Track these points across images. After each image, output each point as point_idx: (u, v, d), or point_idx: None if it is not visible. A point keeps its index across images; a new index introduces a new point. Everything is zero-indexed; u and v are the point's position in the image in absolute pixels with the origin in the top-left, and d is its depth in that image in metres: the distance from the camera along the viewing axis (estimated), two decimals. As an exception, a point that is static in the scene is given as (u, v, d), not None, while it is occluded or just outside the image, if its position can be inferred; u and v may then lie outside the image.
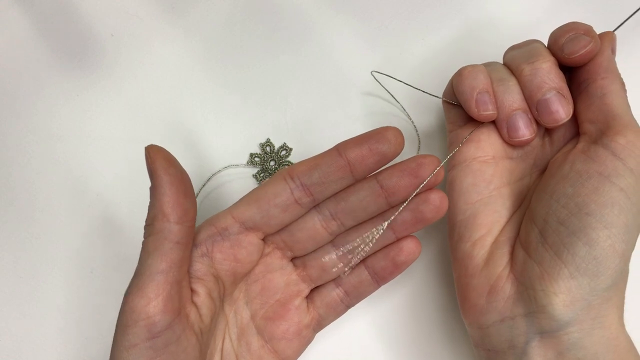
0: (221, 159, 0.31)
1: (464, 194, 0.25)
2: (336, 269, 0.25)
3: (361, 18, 0.33)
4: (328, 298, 0.25)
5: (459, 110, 0.26)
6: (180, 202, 0.21)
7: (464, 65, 0.25)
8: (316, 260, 0.25)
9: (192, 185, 0.22)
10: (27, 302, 0.29)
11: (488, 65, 0.25)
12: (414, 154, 0.30)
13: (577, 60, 0.23)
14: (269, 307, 0.25)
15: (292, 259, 0.26)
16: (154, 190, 0.21)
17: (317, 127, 0.31)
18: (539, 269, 0.22)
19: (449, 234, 0.26)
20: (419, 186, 0.23)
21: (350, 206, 0.24)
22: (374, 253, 0.25)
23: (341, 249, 0.25)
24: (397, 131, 0.23)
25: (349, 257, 0.25)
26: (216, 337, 0.24)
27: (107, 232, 0.30)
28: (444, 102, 0.27)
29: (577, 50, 0.23)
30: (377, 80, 0.30)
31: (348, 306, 0.26)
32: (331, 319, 0.26)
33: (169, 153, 0.21)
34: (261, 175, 0.30)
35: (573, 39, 0.23)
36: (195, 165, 0.31)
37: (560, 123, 0.23)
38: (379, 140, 0.23)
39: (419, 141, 0.30)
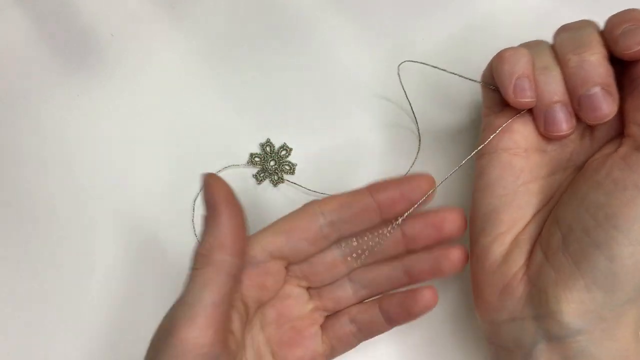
0: (221, 158, 0.31)
1: (489, 186, 0.24)
2: (349, 258, 0.25)
3: (362, 18, 0.33)
4: (341, 332, 0.25)
5: (497, 95, 0.24)
6: (240, 236, 0.21)
7: (504, 48, 0.24)
8: (332, 292, 0.25)
9: (246, 219, 0.22)
10: (27, 302, 0.29)
11: (533, 47, 0.24)
12: (413, 156, 0.30)
13: (631, 57, 0.21)
14: (284, 333, 0.25)
15: (308, 288, 0.26)
16: (213, 221, 0.21)
17: (318, 127, 0.31)
18: (555, 274, 0.21)
19: (470, 226, 0.25)
20: (440, 240, 0.24)
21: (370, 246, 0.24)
22: (390, 296, 0.25)
23: (347, 246, 0.25)
24: (430, 179, 0.23)
25: (359, 252, 0.25)
26: None
27: (108, 232, 0.30)
28: (482, 85, 0.26)
29: (632, 46, 0.21)
30: (398, 75, 0.29)
31: (360, 340, 0.26)
32: (342, 350, 0.26)
33: (228, 185, 0.21)
34: (261, 175, 0.30)
35: (629, 32, 0.21)
36: (196, 165, 0.31)
37: (602, 121, 0.22)
38: (413, 188, 0.23)
39: (419, 142, 0.30)
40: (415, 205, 0.23)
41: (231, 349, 0.21)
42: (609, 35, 0.22)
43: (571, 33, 0.23)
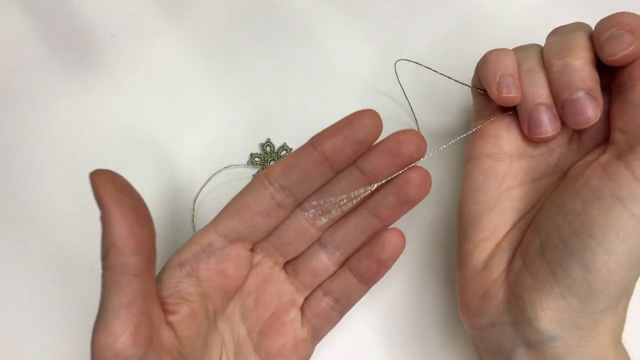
0: (221, 159, 0.31)
1: (472, 191, 0.24)
2: (311, 214, 0.23)
3: (361, 17, 0.33)
4: (318, 308, 0.25)
5: (486, 99, 0.25)
6: (134, 233, 0.19)
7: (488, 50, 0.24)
8: (307, 265, 0.25)
9: (147, 210, 0.20)
10: (27, 302, 0.29)
11: (521, 51, 0.24)
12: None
13: (616, 63, 0.21)
14: (265, 322, 0.24)
15: (284, 266, 0.25)
16: (104, 222, 0.19)
17: (318, 127, 0.31)
18: (532, 281, 0.21)
19: (457, 231, 0.25)
20: (401, 165, 0.22)
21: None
22: (356, 252, 0.24)
23: (324, 201, 0.23)
24: (372, 113, 0.21)
25: (330, 207, 0.24)
26: (212, 355, 0.23)
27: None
28: (472, 89, 0.26)
29: (616, 52, 0.20)
30: (395, 72, 0.29)
31: (341, 313, 0.25)
32: (326, 329, 0.25)
33: (118, 178, 0.19)
34: (261, 175, 0.30)
35: (613, 38, 0.21)
36: (195, 165, 0.31)
37: (586, 126, 0.22)
38: (355, 128, 0.21)
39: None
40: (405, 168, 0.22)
41: (165, 345, 0.20)
42: (596, 40, 0.22)
43: (560, 36, 0.23)
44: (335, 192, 0.23)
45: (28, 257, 0.30)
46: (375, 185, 0.23)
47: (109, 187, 0.18)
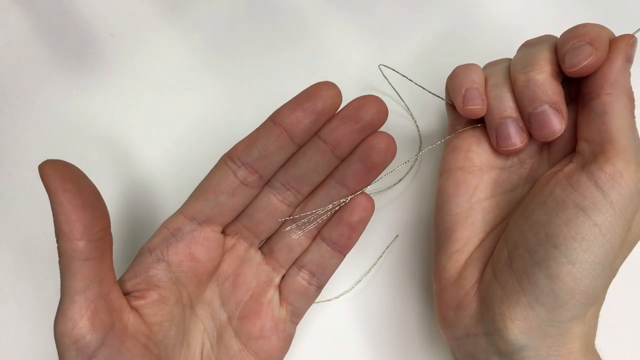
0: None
1: (445, 204, 0.24)
2: (288, 228, 0.24)
3: (362, 16, 0.33)
4: (295, 284, 0.25)
5: (458, 113, 0.25)
6: (79, 218, 0.19)
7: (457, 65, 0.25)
8: (281, 241, 0.25)
9: (97, 196, 0.20)
10: (27, 302, 0.29)
11: (491, 66, 0.25)
12: (414, 151, 0.30)
13: (577, 74, 0.21)
14: (244, 306, 0.24)
15: (260, 247, 0.25)
16: (52, 209, 0.19)
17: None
18: (501, 292, 0.21)
19: (433, 243, 0.25)
20: (363, 130, 0.22)
21: (299, 171, 0.23)
22: (327, 221, 0.25)
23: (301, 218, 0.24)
24: (330, 85, 0.22)
25: (305, 221, 0.24)
26: (191, 343, 0.23)
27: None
28: (446, 103, 0.27)
29: (576, 64, 0.21)
30: (383, 75, 0.30)
31: (318, 287, 0.25)
32: (305, 305, 0.25)
33: (65, 166, 0.19)
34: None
35: (574, 49, 0.21)
36: (196, 165, 0.31)
37: (552, 138, 0.22)
38: (313, 100, 0.22)
39: (420, 141, 0.31)
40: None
41: (129, 329, 0.20)
42: (559, 53, 0.22)
43: (526, 50, 0.24)
44: (301, 163, 0.23)
45: (28, 257, 0.30)
46: (349, 198, 0.24)
47: (55, 175, 0.19)
